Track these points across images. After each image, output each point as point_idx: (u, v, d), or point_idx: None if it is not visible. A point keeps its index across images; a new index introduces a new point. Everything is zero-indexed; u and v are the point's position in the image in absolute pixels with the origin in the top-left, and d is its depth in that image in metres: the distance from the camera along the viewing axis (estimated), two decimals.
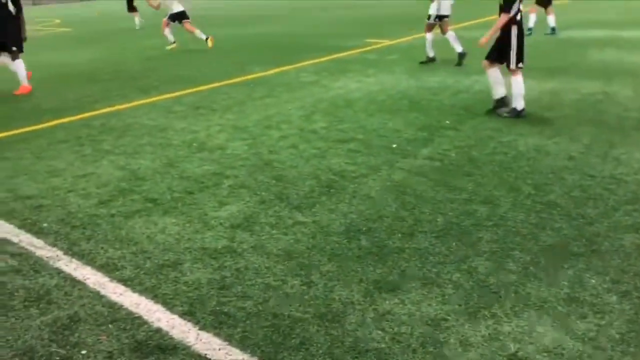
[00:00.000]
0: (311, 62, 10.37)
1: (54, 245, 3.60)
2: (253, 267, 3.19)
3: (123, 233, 3.73)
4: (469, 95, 7.18)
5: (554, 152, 4.91)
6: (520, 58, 5.91)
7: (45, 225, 3.91)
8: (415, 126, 5.89)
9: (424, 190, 4.18)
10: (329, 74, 9.11)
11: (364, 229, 3.62)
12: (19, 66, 8.71)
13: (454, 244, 3.35)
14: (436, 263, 3.15)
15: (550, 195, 4.01)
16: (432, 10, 9.38)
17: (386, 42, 12.42)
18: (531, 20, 11.92)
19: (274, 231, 3.63)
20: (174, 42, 13.20)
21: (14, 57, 8.66)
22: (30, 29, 22.36)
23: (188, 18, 13.04)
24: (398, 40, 12.62)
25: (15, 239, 3.71)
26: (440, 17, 9.33)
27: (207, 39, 12.73)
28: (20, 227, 3.90)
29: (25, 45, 8.90)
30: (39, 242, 3.65)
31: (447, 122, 5.98)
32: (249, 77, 9.20)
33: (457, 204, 3.91)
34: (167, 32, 13.22)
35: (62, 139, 6.08)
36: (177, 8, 12.96)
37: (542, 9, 12.03)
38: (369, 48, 11.75)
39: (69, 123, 6.78)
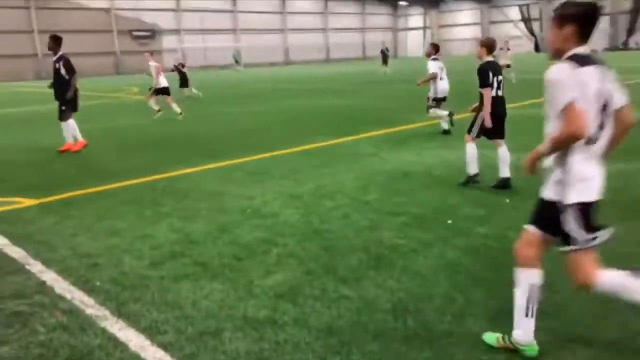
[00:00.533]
0: (372, 134, 10.49)
1: (103, 304, 3.67)
2: (293, 341, 3.10)
3: (169, 296, 3.75)
4: None
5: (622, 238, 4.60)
6: (476, 130, 6.50)
7: (98, 283, 4.01)
8: (473, 203, 5.73)
9: (478, 271, 4.00)
10: (388, 146, 9.16)
11: (412, 308, 3.47)
12: (70, 126, 9.79)
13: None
14: (487, 350, 2.95)
15: None
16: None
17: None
18: None
19: (317, 304, 3.54)
20: (160, 111, 14.59)
21: (65, 118, 9.79)
22: (112, 96, 24.12)
23: (169, 94, 14.92)
24: (459, 116, 12.59)
25: (68, 296, 3.81)
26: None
27: (180, 113, 14.11)
28: (74, 284, 4.02)
29: (106, 110, 9.60)
30: (89, 301, 3.73)
31: (507, 200, 5.79)
32: (310, 146, 9.39)
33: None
34: (152, 102, 14.80)
35: (127, 199, 6.35)
36: (163, 83, 14.82)
37: None
38: (429, 122, 11.77)
39: (136, 185, 7.10)
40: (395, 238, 4.73)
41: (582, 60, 2.65)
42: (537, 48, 59.37)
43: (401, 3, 79.07)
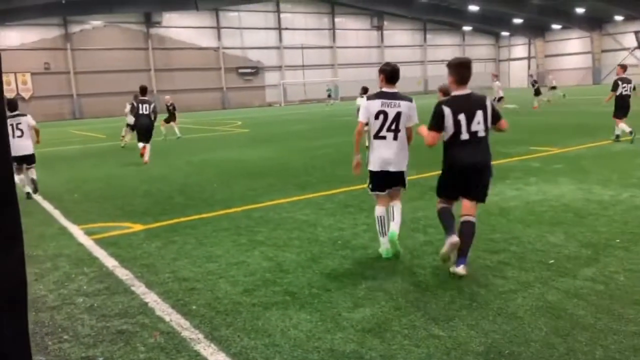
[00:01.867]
0: None
1: (197, 327, 3.83)
2: None
3: (260, 323, 3.84)
4: None
5: None
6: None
7: (194, 307, 4.19)
8: (579, 242, 5.34)
9: (582, 316, 3.70)
10: None
11: (507, 352, 3.27)
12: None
13: None
14: None
15: None
16: None
17: (553, 151, 11.79)
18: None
19: (405, 341, 3.45)
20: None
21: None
22: (217, 129, 25.44)
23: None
24: (566, 149, 11.92)
25: (167, 318, 4.02)
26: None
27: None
28: (173, 306, 4.24)
29: (208, 144, 10.15)
30: (185, 323, 3.91)
31: (617, 240, 5.33)
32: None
33: (622, 336, 3.37)
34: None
35: (225, 227, 6.63)
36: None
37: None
38: (533, 155, 11.25)
39: (234, 213, 7.40)
40: (491, 277, 4.52)
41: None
42: None
43: (503, 33, 77.09)
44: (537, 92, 28.49)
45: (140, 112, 13.58)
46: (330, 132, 19.80)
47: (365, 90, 11.50)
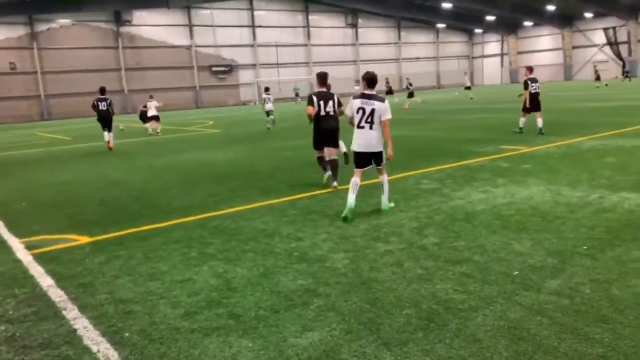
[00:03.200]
0: (436, 168, 9.95)
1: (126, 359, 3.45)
2: None
3: (196, 353, 3.47)
4: (615, 215, 6.17)
5: None
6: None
7: (127, 334, 3.81)
8: (545, 250, 5.09)
9: (545, 337, 3.42)
10: (452, 181, 8.60)
11: None
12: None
13: None
14: None
15: None
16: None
17: (523, 149, 11.63)
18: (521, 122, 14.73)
19: None
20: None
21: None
22: (186, 129, 24.89)
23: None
24: (535, 148, 11.77)
25: (94, 348, 3.63)
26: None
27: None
28: (104, 333, 3.85)
29: (175, 145, 9.72)
30: (114, 355, 3.53)
31: (584, 247, 5.09)
32: (370, 181, 8.98)
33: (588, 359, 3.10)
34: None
35: (176, 239, 6.23)
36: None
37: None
38: (502, 155, 11.06)
39: (189, 222, 7.00)
40: (451, 292, 4.22)
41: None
42: (625, 73, 55.65)
43: (477, 30, 77.64)
44: (411, 95, 31.25)
45: (100, 108, 17.14)
46: (302, 132, 19.39)
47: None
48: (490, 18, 68.34)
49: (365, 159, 6.88)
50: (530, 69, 14.99)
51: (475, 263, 4.84)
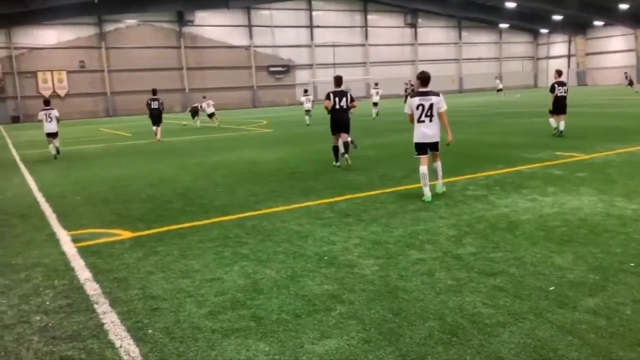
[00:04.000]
0: (485, 173, 9.64)
1: (145, 357, 3.52)
2: None
3: (213, 354, 3.50)
4: None
5: None
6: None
7: (150, 331, 3.89)
8: (587, 265, 4.81)
9: (573, 359, 3.22)
10: (500, 188, 8.29)
11: None
12: None
13: None
14: None
15: None
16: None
17: (579, 157, 11.08)
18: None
19: None
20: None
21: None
22: (241, 128, 25.33)
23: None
24: (594, 155, 11.20)
25: (117, 343, 3.73)
26: None
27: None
28: (129, 329, 3.94)
29: (227, 144, 10.12)
30: (134, 351, 3.60)
31: (632, 264, 4.78)
32: (414, 186, 8.83)
33: None
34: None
35: (212, 237, 6.33)
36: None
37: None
38: (556, 162, 10.58)
39: (227, 221, 7.10)
40: (480, 305, 4.06)
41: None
42: None
43: (542, 30, 74.88)
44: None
45: (152, 106, 20.74)
46: (353, 133, 19.30)
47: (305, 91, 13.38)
48: (557, 18, 65.72)
49: (426, 148, 7.81)
50: (559, 73, 15.40)
51: (510, 276, 4.64)
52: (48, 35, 49.63)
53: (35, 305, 4.51)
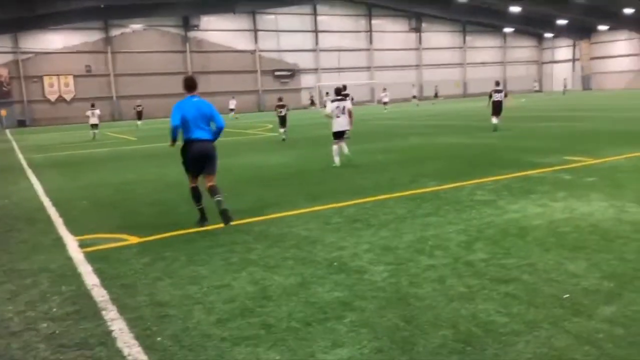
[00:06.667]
0: (493, 178, 9.56)
1: None
2: None
3: None
4: None
5: None
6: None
7: (159, 339, 3.84)
8: (601, 272, 4.73)
9: None
10: (509, 193, 8.22)
11: None
12: None
13: None
14: None
15: None
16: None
17: (588, 161, 10.98)
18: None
19: None
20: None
21: None
22: (247, 132, 25.36)
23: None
24: (603, 160, 11.10)
25: (126, 351, 3.67)
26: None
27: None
28: (138, 336, 3.89)
29: (233, 148, 10.07)
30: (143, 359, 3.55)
31: None
32: (424, 190, 8.77)
33: None
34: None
35: (220, 242, 6.28)
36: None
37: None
38: (565, 167, 10.49)
39: (235, 226, 7.03)
40: (494, 313, 3.99)
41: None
42: None
43: (546, 35, 74.72)
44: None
45: None
46: (355, 139, 19.26)
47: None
48: (561, 22, 65.54)
49: (341, 135, 11.91)
50: (497, 83, 20.14)
51: (523, 283, 4.56)
52: (55, 40, 49.83)
53: (42, 311, 4.47)
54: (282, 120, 20.49)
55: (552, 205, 7.34)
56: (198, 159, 7.04)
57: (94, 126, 26.32)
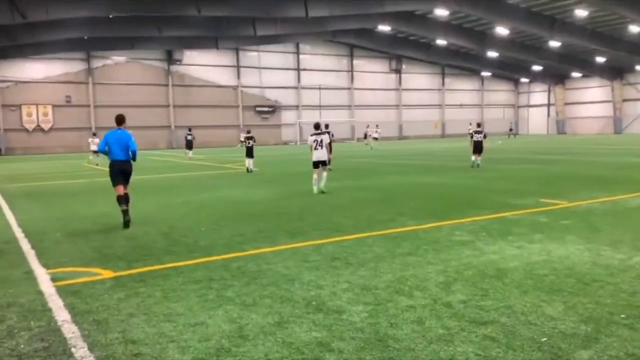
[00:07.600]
0: (471, 219, 9.65)
1: None
2: None
3: None
4: None
5: None
6: None
7: None
8: (578, 316, 4.76)
9: None
10: (487, 234, 8.29)
11: None
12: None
13: None
14: None
15: None
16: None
17: (563, 204, 11.18)
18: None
19: None
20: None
21: None
22: (226, 166, 25.19)
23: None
24: (577, 203, 11.31)
25: None
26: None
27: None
28: None
29: (213, 182, 9.95)
30: None
31: (622, 315, 4.74)
32: (402, 229, 8.79)
33: None
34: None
35: (197, 279, 6.17)
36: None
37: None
38: (541, 209, 10.66)
39: (212, 262, 6.95)
40: (472, 356, 3.96)
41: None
42: None
43: (523, 79, 77.01)
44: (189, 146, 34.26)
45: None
46: (335, 174, 19.40)
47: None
48: (537, 68, 67.74)
49: (319, 164, 13.80)
50: (478, 124, 22.83)
51: (502, 325, 4.56)
52: (35, 69, 49.58)
53: (9, 348, 4.30)
54: (249, 152, 21.52)
55: (528, 247, 7.42)
56: (118, 173, 9.88)
57: (96, 152, 28.25)
